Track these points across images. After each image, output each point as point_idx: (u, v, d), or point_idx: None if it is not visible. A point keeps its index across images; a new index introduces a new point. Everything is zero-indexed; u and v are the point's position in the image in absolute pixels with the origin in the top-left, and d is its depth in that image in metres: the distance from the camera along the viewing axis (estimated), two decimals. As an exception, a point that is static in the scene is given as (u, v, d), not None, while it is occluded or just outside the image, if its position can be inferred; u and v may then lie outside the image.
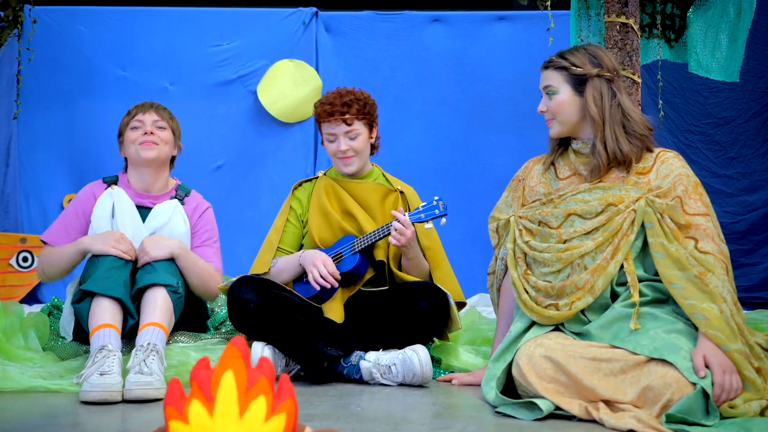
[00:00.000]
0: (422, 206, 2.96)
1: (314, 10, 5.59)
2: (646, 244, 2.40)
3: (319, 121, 3.13)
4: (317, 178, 3.22)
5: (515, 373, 2.34)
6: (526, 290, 2.50)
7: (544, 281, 2.48)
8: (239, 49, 5.55)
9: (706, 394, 2.11)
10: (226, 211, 5.09)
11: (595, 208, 2.44)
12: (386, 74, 5.52)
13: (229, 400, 1.25)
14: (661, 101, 4.59)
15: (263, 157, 5.54)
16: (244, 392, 1.26)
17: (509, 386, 2.40)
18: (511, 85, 5.51)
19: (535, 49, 5.36)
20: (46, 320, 3.13)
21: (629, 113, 2.48)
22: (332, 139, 3.10)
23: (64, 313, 3.01)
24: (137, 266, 2.87)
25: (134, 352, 2.57)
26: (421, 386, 2.73)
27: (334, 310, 2.93)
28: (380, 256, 3.04)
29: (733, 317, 2.25)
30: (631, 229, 2.38)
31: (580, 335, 2.39)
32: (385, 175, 3.24)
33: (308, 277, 2.95)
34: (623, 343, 2.25)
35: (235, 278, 2.97)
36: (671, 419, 2.08)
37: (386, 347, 2.82)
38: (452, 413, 2.36)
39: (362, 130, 3.10)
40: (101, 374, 2.45)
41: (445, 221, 2.92)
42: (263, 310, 2.79)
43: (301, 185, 3.24)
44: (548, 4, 4.02)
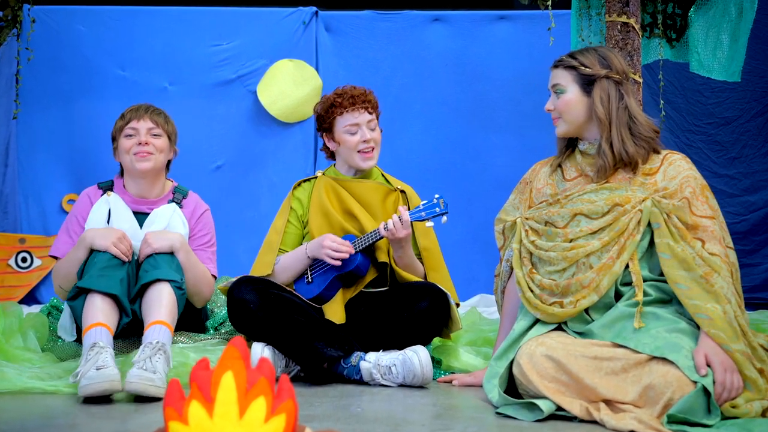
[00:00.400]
0: (423, 204, 2.94)
1: (314, 9, 5.58)
2: (652, 244, 2.41)
3: (334, 115, 3.07)
4: (316, 177, 3.19)
5: (516, 372, 2.34)
6: (530, 288, 2.51)
7: (549, 279, 2.48)
8: (239, 48, 5.53)
9: (707, 393, 2.12)
10: (225, 211, 5.09)
11: (601, 208, 2.44)
12: (386, 74, 5.51)
13: (228, 401, 1.25)
14: (662, 101, 4.58)
15: (263, 157, 5.53)
16: (243, 393, 1.26)
17: (510, 385, 2.40)
18: (511, 85, 5.50)
19: (535, 48, 5.36)
20: (45, 321, 3.12)
21: (636, 116, 2.49)
22: (354, 130, 3.05)
23: (63, 313, 3.01)
24: (139, 260, 2.86)
25: (142, 347, 2.56)
26: (421, 387, 2.72)
27: (334, 311, 2.92)
28: (382, 257, 3.02)
29: (736, 318, 2.25)
30: (637, 229, 2.39)
31: (582, 334, 2.39)
32: (384, 174, 3.23)
33: (325, 259, 2.90)
34: (625, 341, 2.26)
35: (235, 278, 2.96)
36: (672, 420, 2.08)
37: (386, 348, 2.81)
38: (453, 414, 2.36)
39: (377, 122, 3.10)
40: (98, 369, 2.44)
41: (446, 219, 2.91)
42: (263, 310, 2.78)
43: (300, 185, 3.21)
44: (549, 3, 4.01)
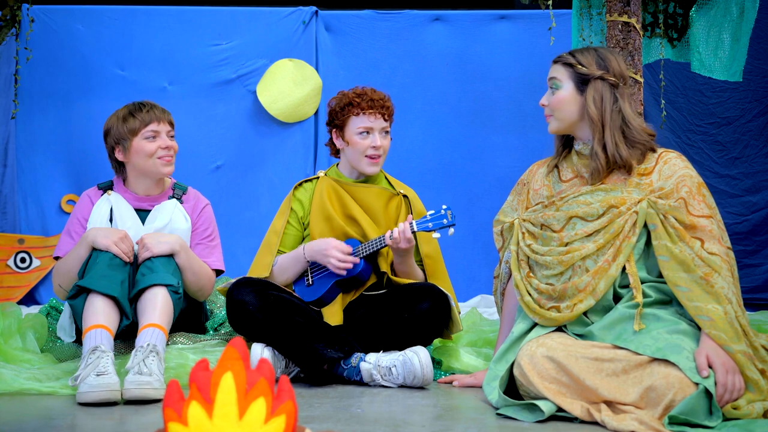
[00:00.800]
0: (430, 215, 2.90)
1: (314, 9, 5.57)
2: (649, 245, 2.39)
3: (350, 114, 3.02)
4: (318, 178, 3.15)
5: (517, 373, 2.33)
6: (528, 292, 2.50)
7: (546, 284, 2.47)
8: (238, 48, 5.53)
9: (709, 394, 2.11)
10: (225, 211, 5.08)
11: (596, 210, 2.43)
12: (387, 74, 5.50)
13: (228, 402, 1.25)
14: (663, 101, 4.58)
15: (263, 157, 5.52)
16: (243, 394, 1.26)
17: (511, 387, 2.39)
18: (512, 84, 5.50)
19: (536, 48, 5.36)
20: (44, 321, 3.12)
21: (630, 120, 2.46)
22: (366, 133, 3.02)
23: (63, 314, 3.00)
24: (138, 262, 2.85)
25: (134, 352, 2.55)
26: (421, 388, 2.72)
27: (332, 314, 2.91)
28: (384, 266, 3.01)
29: (737, 319, 2.24)
30: (632, 230, 2.37)
31: (582, 336, 2.39)
32: (388, 177, 3.20)
33: (328, 267, 2.89)
34: (626, 343, 2.25)
35: (234, 279, 2.95)
36: (674, 421, 2.07)
37: (386, 349, 2.80)
38: (453, 415, 2.35)
39: (389, 130, 3.08)
40: (98, 375, 2.43)
41: (453, 231, 2.87)
42: (262, 311, 2.77)
43: (301, 185, 3.17)
44: (550, 3, 4.01)
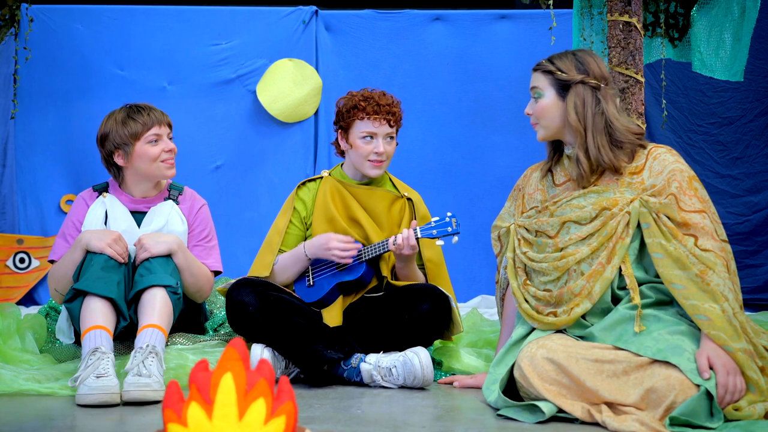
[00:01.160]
0: (435, 221, 2.89)
1: (314, 8, 5.58)
2: (644, 245, 2.37)
3: (355, 117, 3.00)
4: (321, 178, 3.13)
5: (517, 375, 2.33)
6: (526, 299, 2.49)
7: (543, 290, 2.46)
8: (238, 48, 5.53)
9: (710, 395, 2.10)
10: (224, 211, 5.07)
11: (589, 213, 2.41)
12: (387, 73, 5.50)
13: (228, 402, 1.25)
14: (664, 101, 4.57)
15: (262, 157, 5.52)
16: (243, 395, 1.26)
17: (511, 389, 2.38)
18: (513, 84, 5.49)
19: (537, 48, 5.34)
20: (43, 322, 3.11)
21: (612, 121, 2.42)
22: (369, 139, 2.99)
23: (61, 316, 2.99)
24: (135, 263, 2.84)
25: (133, 354, 2.55)
26: (422, 389, 2.71)
27: (333, 316, 2.90)
28: (384, 270, 3.00)
29: (735, 316, 2.23)
30: (626, 231, 2.36)
31: (583, 338, 2.38)
32: (392, 179, 3.18)
33: (332, 260, 2.88)
34: (626, 344, 2.24)
35: (233, 280, 2.94)
36: (675, 422, 2.06)
37: (387, 350, 2.79)
38: (453, 416, 2.35)
39: (395, 136, 3.06)
40: (97, 377, 2.43)
41: (457, 239, 2.85)
42: (262, 312, 2.76)
43: (304, 185, 3.15)
44: (550, 2, 4.00)
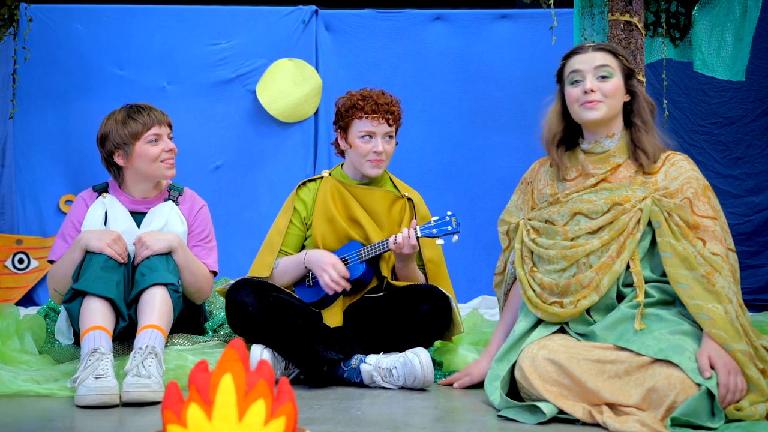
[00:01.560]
0: (435, 220, 2.88)
1: (314, 8, 5.58)
2: (653, 244, 2.39)
3: (353, 117, 2.99)
4: (322, 178, 3.12)
5: (518, 375, 2.33)
6: (531, 287, 2.49)
7: (549, 279, 2.46)
8: (238, 47, 5.53)
9: (711, 395, 2.11)
10: (224, 212, 5.07)
11: (600, 207, 2.43)
12: (387, 73, 5.50)
13: (227, 403, 1.25)
14: (665, 101, 4.57)
15: (262, 157, 5.52)
16: (243, 396, 1.25)
17: (512, 389, 2.38)
18: (513, 84, 5.50)
19: (538, 48, 5.35)
20: (42, 323, 3.11)
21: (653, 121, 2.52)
22: (368, 138, 2.98)
23: (60, 316, 2.99)
24: (135, 262, 2.83)
25: (132, 354, 2.54)
26: (422, 389, 2.70)
27: (332, 316, 2.90)
28: (384, 270, 2.99)
29: (738, 318, 2.24)
30: (637, 227, 2.38)
31: (584, 336, 2.38)
32: (392, 179, 3.17)
33: (320, 280, 2.87)
34: (628, 344, 2.24)
35: (233, 281, 2.93)
36: (676, 422, 2.06)
37: (387, 350, 2.79)
38: (454, 417, 2.35)
39: (394, 135, 3.05)
40: (96, 378, 2.42)
41: (457, 238, 2.84)
42: (262, 313, 2.76)
43: (305, 185, 3.14)
44: (551, 2, 4.00)
